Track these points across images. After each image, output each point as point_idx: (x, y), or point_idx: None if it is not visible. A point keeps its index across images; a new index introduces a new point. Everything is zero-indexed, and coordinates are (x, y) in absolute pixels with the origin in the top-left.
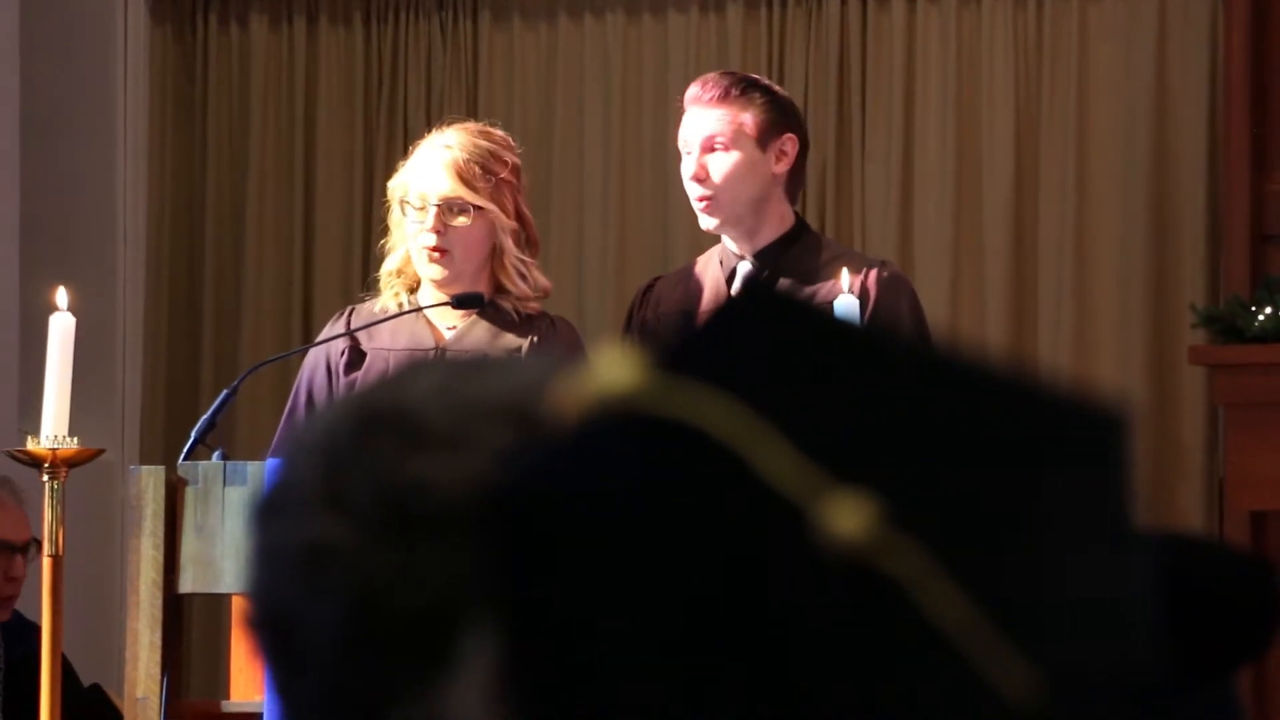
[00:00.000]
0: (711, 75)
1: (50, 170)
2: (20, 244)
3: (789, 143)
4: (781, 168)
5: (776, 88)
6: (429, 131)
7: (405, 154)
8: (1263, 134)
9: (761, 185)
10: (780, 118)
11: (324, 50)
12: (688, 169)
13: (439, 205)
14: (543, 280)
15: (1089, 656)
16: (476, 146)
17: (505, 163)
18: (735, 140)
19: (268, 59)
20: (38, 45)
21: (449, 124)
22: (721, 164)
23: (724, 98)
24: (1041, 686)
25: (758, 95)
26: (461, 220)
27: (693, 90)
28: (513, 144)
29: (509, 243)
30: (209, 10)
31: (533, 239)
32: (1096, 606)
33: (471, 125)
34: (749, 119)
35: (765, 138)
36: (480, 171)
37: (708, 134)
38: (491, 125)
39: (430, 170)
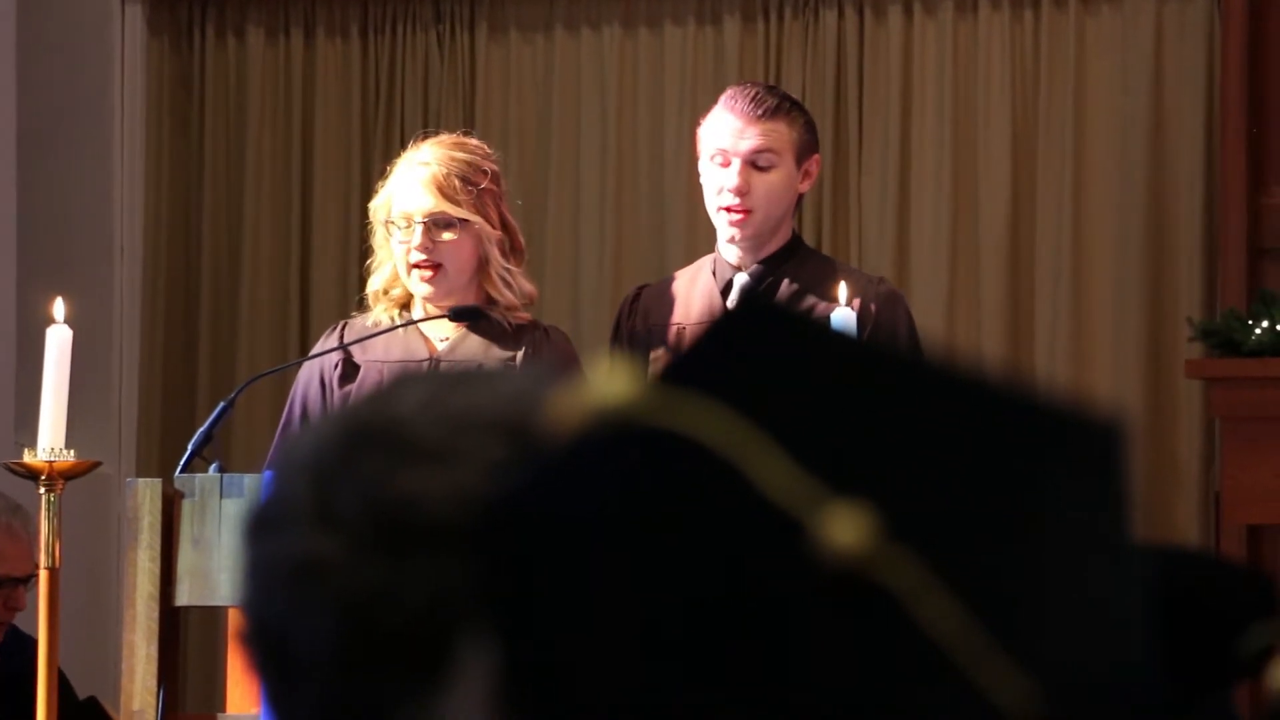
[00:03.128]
0: (756, 86)
1: (47, 182)
2: (17, 256)
3: (815, 164)
4: (805, 187)
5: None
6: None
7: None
8: (1259, 147)
9: (789, 204)
10: (813, 138)
11: (321, 63)
12: (727, 179)
13: (425, 222)
14: (528, 286)
15: (1085, 668)
16: (454, 160)
17: (485, 172)
18: (781, 159)
19: (265, 71)
20: (34, 56)
21: (424, 139)
22: (765, 182)
23: (774, 113)
24: (1038, 698)
25: (798, 114)
26: (448, 235)
27: (737, 102)
28: (490, 151)
29: (495, 253)
30: (206, 22)
31: (517, 245)
32: (1093, 618)
33: (446, 138)
34: (794, 138)
35: (801, 157)
36: (461, 185)
37: (755, 147)
38: (466, 134)
39: (411, 188)
